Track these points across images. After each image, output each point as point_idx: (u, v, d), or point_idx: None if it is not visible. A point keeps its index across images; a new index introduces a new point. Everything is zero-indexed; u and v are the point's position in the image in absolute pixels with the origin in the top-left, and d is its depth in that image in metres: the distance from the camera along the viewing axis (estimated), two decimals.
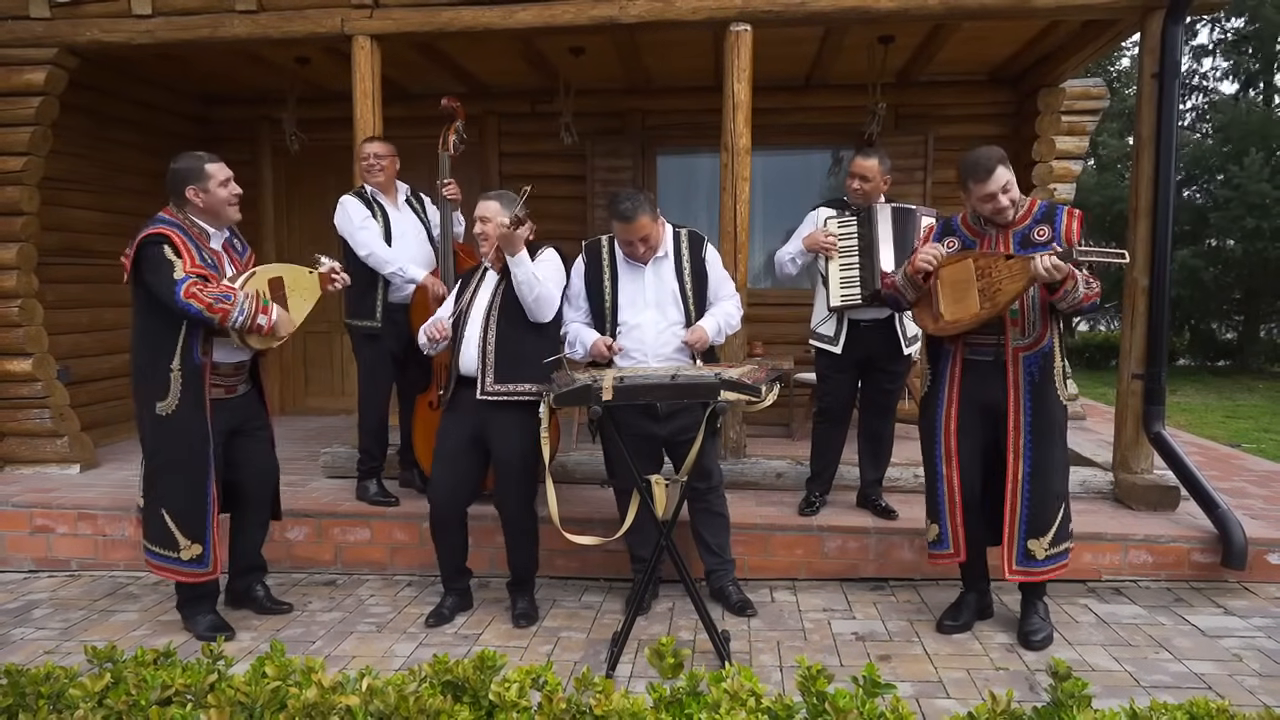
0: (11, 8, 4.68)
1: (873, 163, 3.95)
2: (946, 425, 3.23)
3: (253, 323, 3.15)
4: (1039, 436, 3.13)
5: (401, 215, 4.32)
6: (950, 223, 3.32)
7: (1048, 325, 3.11)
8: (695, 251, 3.50)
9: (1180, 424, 8.16)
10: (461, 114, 4.38)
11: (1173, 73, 4.08)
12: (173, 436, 3.22)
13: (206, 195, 3.23)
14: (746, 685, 1.59)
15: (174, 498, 3.25)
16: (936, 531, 3.30)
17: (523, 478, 3.44)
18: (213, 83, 6.41)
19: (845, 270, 3.92)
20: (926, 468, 3.35)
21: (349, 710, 1.54)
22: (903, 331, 3.96)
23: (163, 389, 3.19)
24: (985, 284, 3.04)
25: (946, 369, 3.24)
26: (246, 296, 3.16)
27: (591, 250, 3.56)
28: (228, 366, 3.33)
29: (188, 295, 3.05)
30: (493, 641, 3.35)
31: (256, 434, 3.48)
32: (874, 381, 4.06)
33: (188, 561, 3.27)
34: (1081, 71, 6.07)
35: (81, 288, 5.67)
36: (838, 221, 3.99)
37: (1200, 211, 13.81)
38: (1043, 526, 3.14)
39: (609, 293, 3.47)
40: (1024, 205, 3.16)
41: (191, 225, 3.24)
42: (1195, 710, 1.56)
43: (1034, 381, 3.11)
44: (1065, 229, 3.09)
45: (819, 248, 3.95)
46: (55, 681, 1.71)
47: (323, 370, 7.05)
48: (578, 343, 3.50)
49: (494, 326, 3.37)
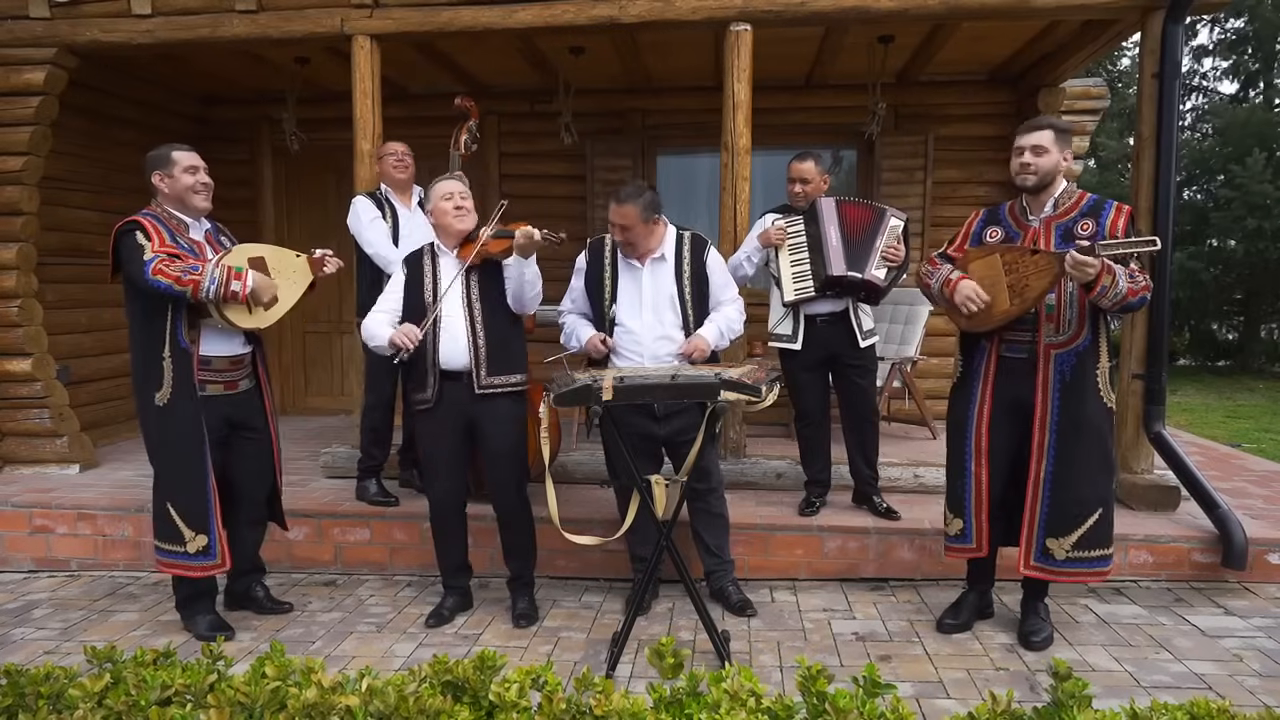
0: (11, 8, 4.68)
1: (809, 165, 4.06)
2: (979, 423, 3.20)
3: (226, 290, 3.11)
4: (1066, 437, 3.05)
5: (413, 216, 4.33)
6: (997, 211, 3.27)
7: (1084, 323, 3.03)
8: (697, 255, 3.48)
9: (1180, 424, 8.16)
10: (475, 114, 4.41)
11: (1173, 73, 4.08)
12: (171, 426, 3.23)
13: (171, 180, 3.25)
14: (746, 685, 1.59)
15: (176, 489, 3.27)
16: (960, 526, 3.27)
17: (517, 466, 3.49)
18: (213, 82, 6.40)
19: (796, 266, 4.00)
20: (952, 461, 3.29)
21: (349, 710, 1.54)
22: (859, 325, 4.01)
23: (158, 379, 3.20)
24: (1014, 279, 3.00)
25: (981, 364, 3.19)
26: (217, 266, 3.14)
27: (595, 248, 3.55)
28: (222, 360, 3.31)
29: (155, 272, 3.06)
30: (493, 641, 3.34)
31: (255, 433, 3.46)
32: (844, 377, 4.08)
33: (195, 554, 3.27)
34: (1081, 71, 6.07)
35: (81, 288, 5.67)
36: (785, 221, 4.07)
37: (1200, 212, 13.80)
38: (1065, 528, 3.08)
39: (608, 292, 3.47)
40: (1071, 197, 3.09)
41: (168, 216, 3.27)
42: (1195, 710, 1.56)
43: (1064, 381, 3.05)
44: (1111, 225, 3.00)
45: (773, 241, 4.02)
46: (55, 682, 1.71)
47: (323, 370, 7.05)
48: (573, 336, 3.50)
49: (480, 319, 3.35)
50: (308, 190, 6.86)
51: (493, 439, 3.40)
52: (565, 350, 3.55)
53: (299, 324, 6.81)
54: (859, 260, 3.91)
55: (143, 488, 4.58)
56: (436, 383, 3.37)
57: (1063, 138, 3.07)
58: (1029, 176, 3.06)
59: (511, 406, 3.43)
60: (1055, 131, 3.05)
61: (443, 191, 3.38)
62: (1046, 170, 3.05)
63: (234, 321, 3.22)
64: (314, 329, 6.92)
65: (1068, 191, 3.11)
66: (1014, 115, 6.34)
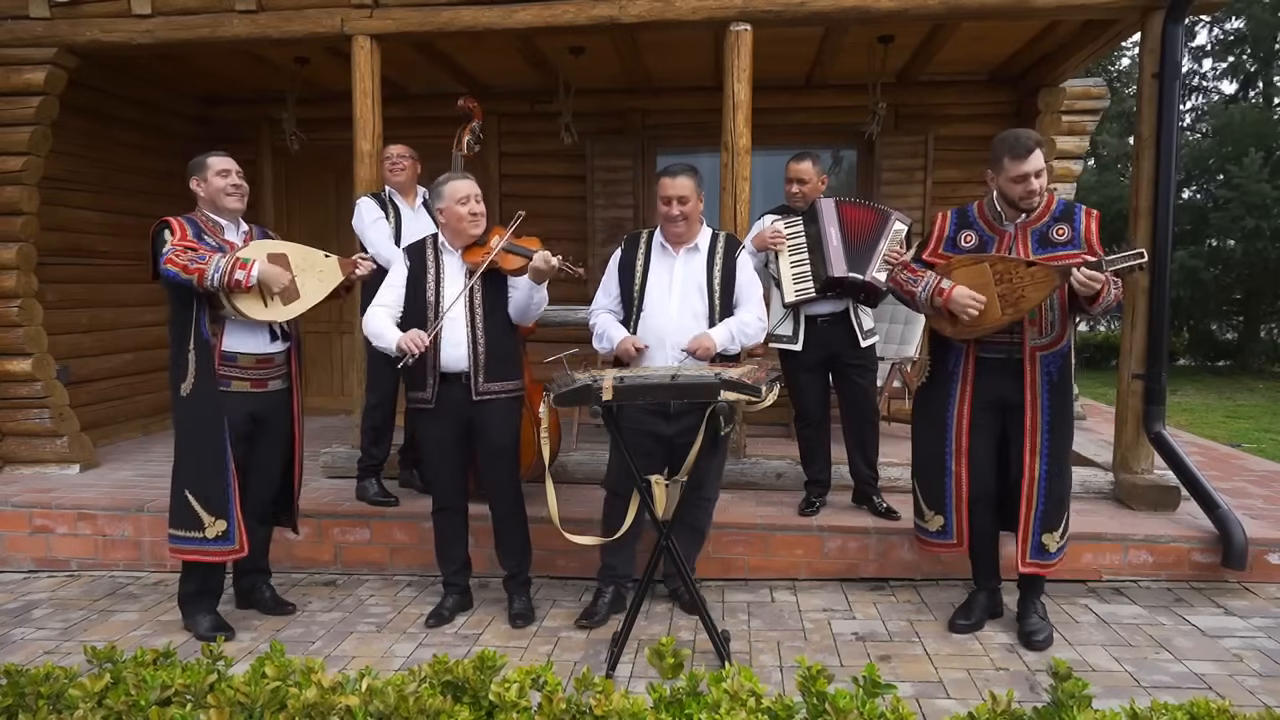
0: (11, 8, 4.68)
1: (806, 165, 4.06)
2: (959, 422, 3.23)
3: (230, 278, 3.11)
4: (1056, 434, 3.14)
5: (416, 217, 4.33)
6: (966, 213, 3.28)
7: (1065, 326, 3.12)
8: (729, 251, 3.47)
9: (1180, 424, 8.16)
10: (478, 114, 4.41)
11: (1173, 73, 4.08)
12: (193, 415, 3.28)
13: (205, 185, 3.34)
14: (746, 685, 1.59)
15: (196, 474, 3.29)
16: (941, 522, 3.32)
17: (513, 465, 3.53)
18: (213, 82, 6.40)
19: (796, 267, 4.00)
20: (929, 459, 3.33)
21: (349, 710, 1.54)
22: (859, 325, 4.01)
23: (184, 370, 3.27)
24: (1006, 289, 3.02)
25: (959, 366, 3.22)
26: (223, 256, 3.16)
27: (631, 239, 3.56)
28: (248, 358, 3.33)
29: (166, 261, 3.13)
30: (493, 641, 3.34)
31: (275, 435, 3.47)
32: (845, 377, 4.07)
33: (214, 539, 3.28)
34: (1081, 71, 6.07)
35: (81, 288, 5.67)
36: (784, 222, 4.06)
37: (1200, 212, 13.81)
38: (1056, 521, 3.18)
39: (639, 277, 3.45)
40: (1041, 201, 3.12)
41: (204, 219, 3.35)
42: (1195, 710, 1.56)
43: (1052, 381, 3.12)
44: (1085, 230, 3.07)
45: (768, 245, 4.02)
46: (55, 682, 1.71)
47: (323, 370, 7.05)
48: (604, 337, 3.46)
49: (481, 328, 3.36)
50: (308, 190, 6.87)
51: (491, 439, 3.42)
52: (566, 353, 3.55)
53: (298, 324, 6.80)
54: (860, 262, 3.91)
55: (143, 488, 4.60)
56: (435, 384, 3.38)
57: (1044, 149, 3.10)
58: (1035, 200, 3.08)
59: (508, 411, 3.46)
60: (1042, 148, 3.07)
61: (458, 194, 3.34)
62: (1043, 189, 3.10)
63: (245, 313, 3.22)
64: (314, 329, 6.91)
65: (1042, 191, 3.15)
66: (1014, 115, 6.34)
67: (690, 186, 3.33)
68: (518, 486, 3.56)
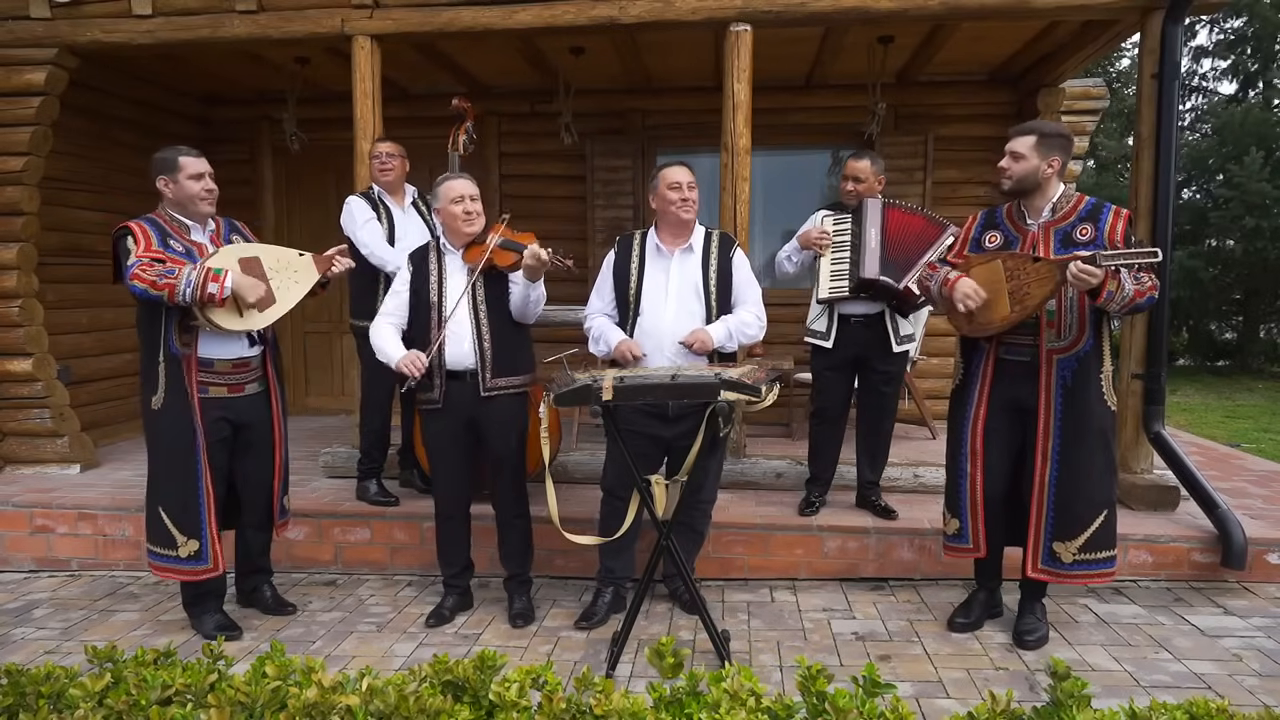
0: (11, 8, 4.69)
1: (865, 164, 4.02)
2: (974, 425, 3.20)
3: (202, 293, 3.02)
4: (1070, 440, 3.06)
5: (406, 216, 4.33)
6: (994, 214, 3.25)
7: (1085, 328, 3.02)
8: (724, 250, 3.48)
9: (1180, 424, 8.16)
10: (472, 114, 4.42)
11: (1172, 73, 4.08)
12: (164, 431, 3.23)
13: (175, 187, 3.22)
14: (746, 685, 1.59)
15: (168, 493, 3.26)
16: (957, 526, 3.28)
17: (518, 465, 3.52)
18: (213, 82, 6.40)
19: (836, 264, 3.99)
20: (950, 463, 3.30)
21: (349, 710, 1.54)
22: (894, 329, 3.98)
23: (153, 383, 3.20)
24: (1015, 286, 2.99)
25: (979, 367, 3.20)
26: (193, 269, 3.06)
27: (624, 242, 3.55)
28: (224, 363, 3.28)
29: (132, 277, 3.03)
30: (493, 641, 3.35)
31: (258, 439, 3.42)
32: (869, 382, 4.06)
33: (186, 559, 3.26)
34: (1081, 71, 6.07)
35: (82, 288, 5.67)
36: (834, 219, 4.05)
37: (1200, 211, 13.80)
38: (1071, 531, 3.09)
39: (634, 280, 3.44)
40: (1070, 201, 3.08)
41: (169, 219, 3.25)
42: (1195, 710, 1.56)
43: (1066, 385, 3.04)
44: (1110, 229, 2.99)
45: (812, 244, 4.00)
46: (55, 681, 1.71)
47: (323, 370, 7.05)
48: (601, 340, 3.47)
49: (487, 324, 3.37)
50: (308, 190, 6.86)
51: (495, 440, 3.42)
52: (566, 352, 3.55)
53: (299, 324, 6.81)
54: (900, 268, 3.84)
55: (143, 488, 4.57)
56: (443, 383, 3.38)
57: (1049, 143, 3.02)
58: (1005, 181, 3.10)
59: (515, 408, 3.46)
60: (1039, 137, 3.03)
61: (453, 194, 3.36)
62: (1021, 176, 3.05)
63: (220, 324, 3.14)
64: (314, 329, 6.92)
65: (1066, 195, 3.10)
66: (1014, 115, 6.33)
67: (691, 176, 3.37)
68: (523, 490, 3.55)
